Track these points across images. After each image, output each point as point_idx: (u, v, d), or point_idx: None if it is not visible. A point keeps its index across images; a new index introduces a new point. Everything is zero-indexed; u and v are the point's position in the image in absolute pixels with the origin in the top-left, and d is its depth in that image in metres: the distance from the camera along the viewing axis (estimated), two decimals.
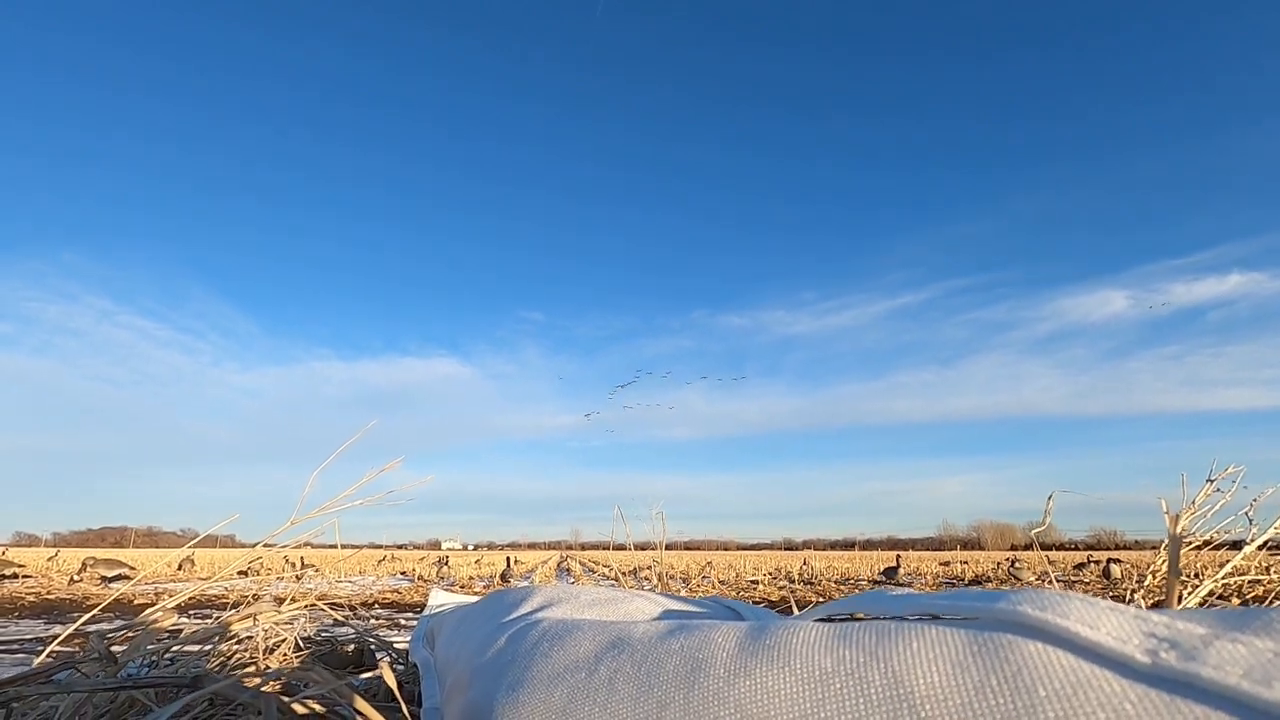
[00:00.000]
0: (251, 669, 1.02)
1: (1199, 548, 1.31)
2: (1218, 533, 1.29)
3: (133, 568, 6.80)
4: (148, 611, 1.09)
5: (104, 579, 6.48)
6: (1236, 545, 1.31)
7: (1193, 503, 1.24)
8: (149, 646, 1.02)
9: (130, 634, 1.06)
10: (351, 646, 1.35)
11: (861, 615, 0.42)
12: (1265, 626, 0.25)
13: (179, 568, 8.95)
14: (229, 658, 1.27)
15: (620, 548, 2.30)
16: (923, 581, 8.06)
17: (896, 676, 0.30)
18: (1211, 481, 1.26)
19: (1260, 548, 1.26)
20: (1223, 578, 1.36)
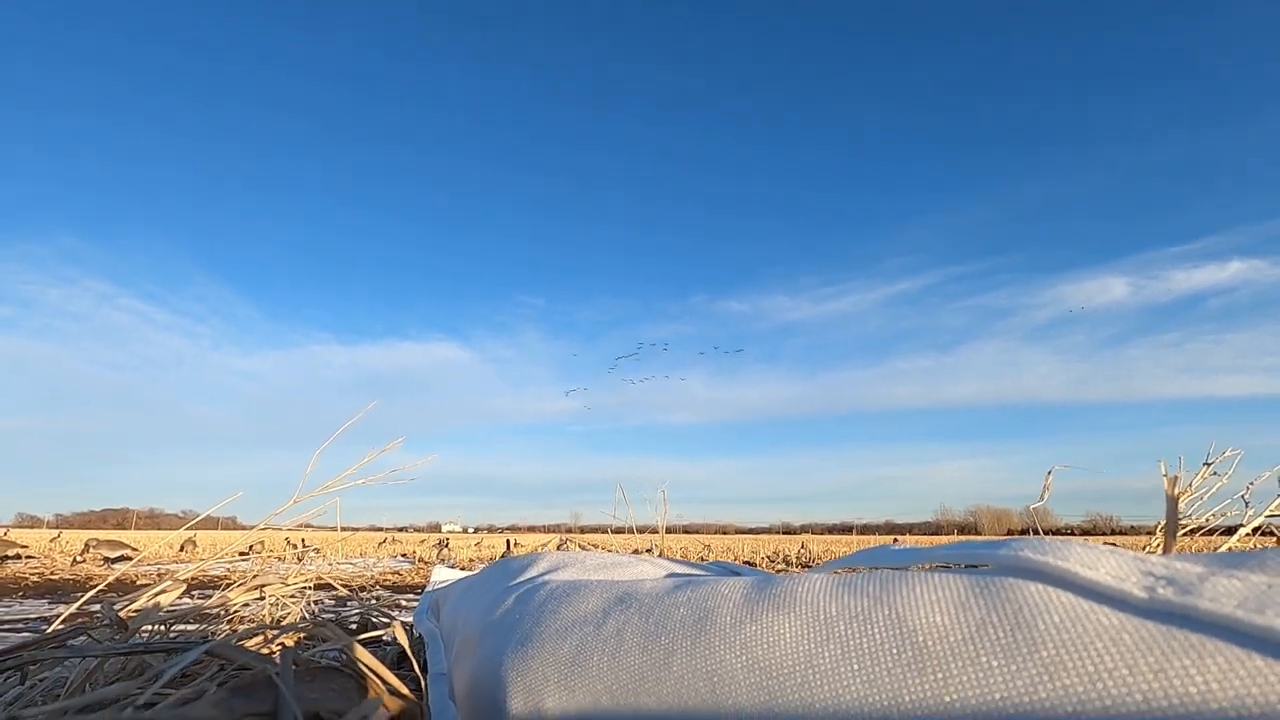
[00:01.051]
0: (259, 639, 1.04)
1: (1193, 532, 1.32)
2: (1212, 516, 1.31)
3: (135, 549, 6.84)
4: (154, 586, 1.10)
5: (106, 560, 6.52)
6: (1230, 531, 1.32)
7: (1189, 485, 1.25)
8: (157, 618, 1.04)
9: (137, 608, 1.07)
10: (355, 623, 1.37)
11: (867, 568, 0.43)
12: (1260, 563, 0.26)
13: (181, 549, 9.00)
14: (234, 630, 1.28)
15: (621, 530, 2.32)
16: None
17: (899, 617, 0.31)
18: (1209, 465, 1.26)
19: (1254, 532, 1.27)
20: None
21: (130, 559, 6.43)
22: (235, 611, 1.29)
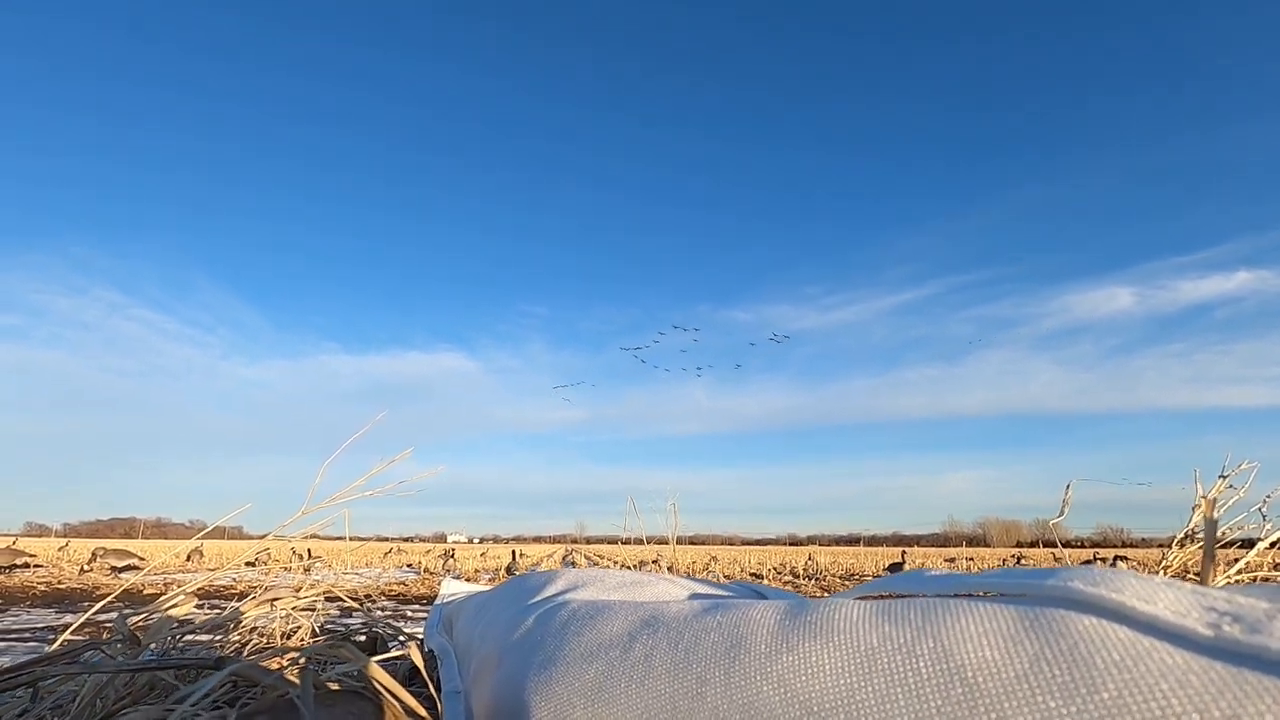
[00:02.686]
0: (271, 653, 1.03)
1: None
2: (1230, 529, 1.29)
3: (142, 558, 6.85)
4: (164, 598, 1.10)
5: (114, 569, 6.53)
6: (1247, 544, 1.30)
7: (1213, 501, 1.23)
8: (168, 631, 1.03)
9: (147, 621, 1.06)
10: (363, 637, 1.36)
11: (902, 595, 0.42)
12: None
13: (188, 558, 9.01)
14: (245, 644, 1.27)
15: (631, 541, 2.30)
16: None
17: (946, 651, 0.30)
18: (1225, 477, 1.25)
19: (1272, 545, 1.25)
20: (1235, 574, 1.36)
21: (138, 568, 6.43)
22: (247, 624, 1.28)
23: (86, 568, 6.52)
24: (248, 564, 7.33)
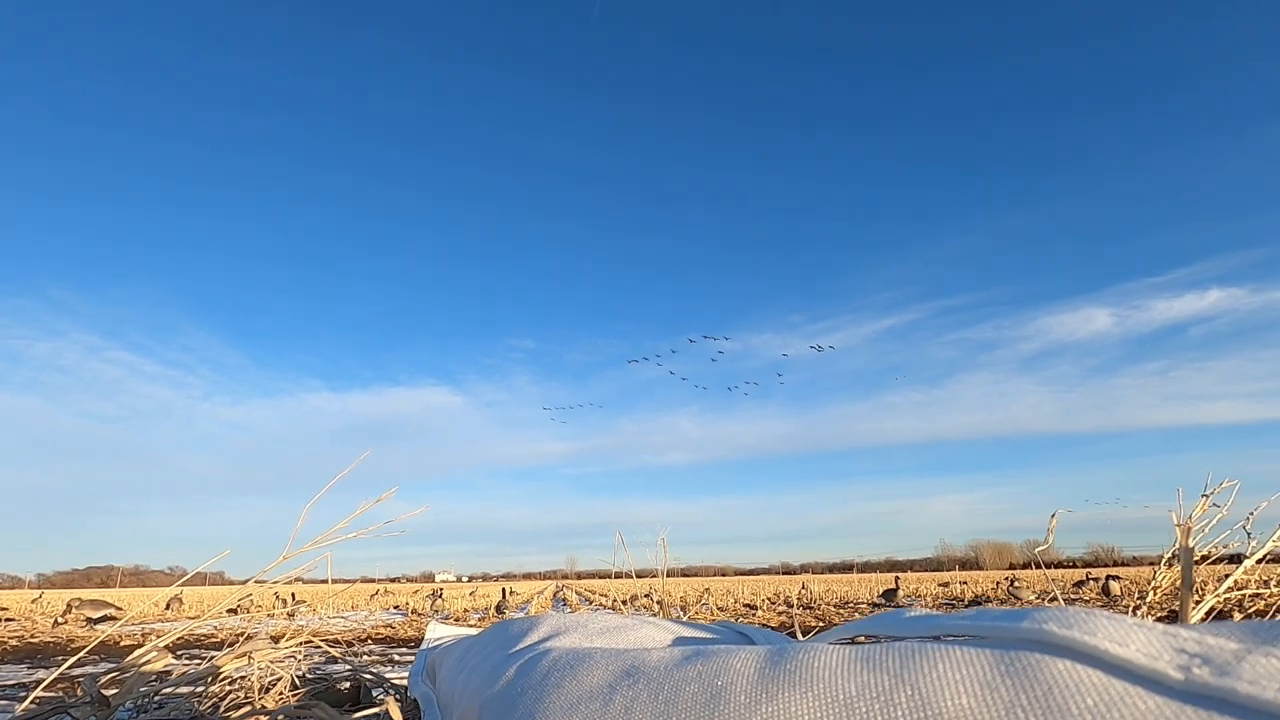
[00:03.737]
0: (247, 709, 1.00)
1: (1199, 562, 1.31)
2: (1215, 547, 1.30)
3: (119, 608, 6.65)
4: (138, 652, 1.06)
5: (89, 620, 6.33)
6: (1234, 559, 1.31)
7: (1190, 517, 1.24)
8: (141, 688, 1.00)
9: (121, 676, 1.03)
10: (347, 684, 1.32)
11: (880, 637, 0.41)
12: None
13: (167, 607, 8.76)
14: (223, 698, 1.24)
15: (621, 575, 2.27)
16: (923, 603, 7.99)
17: (924, 699, 0.29)
18: (1207, 496, 1.26)
19: (1259, 561, 1.27)
20: (1223, 592, 1.36)
21: (115, 619, 6.24)
22: (224, 677, 1.24)
23: (61, 620, 6.32)
24: (229, 611, 7.14)
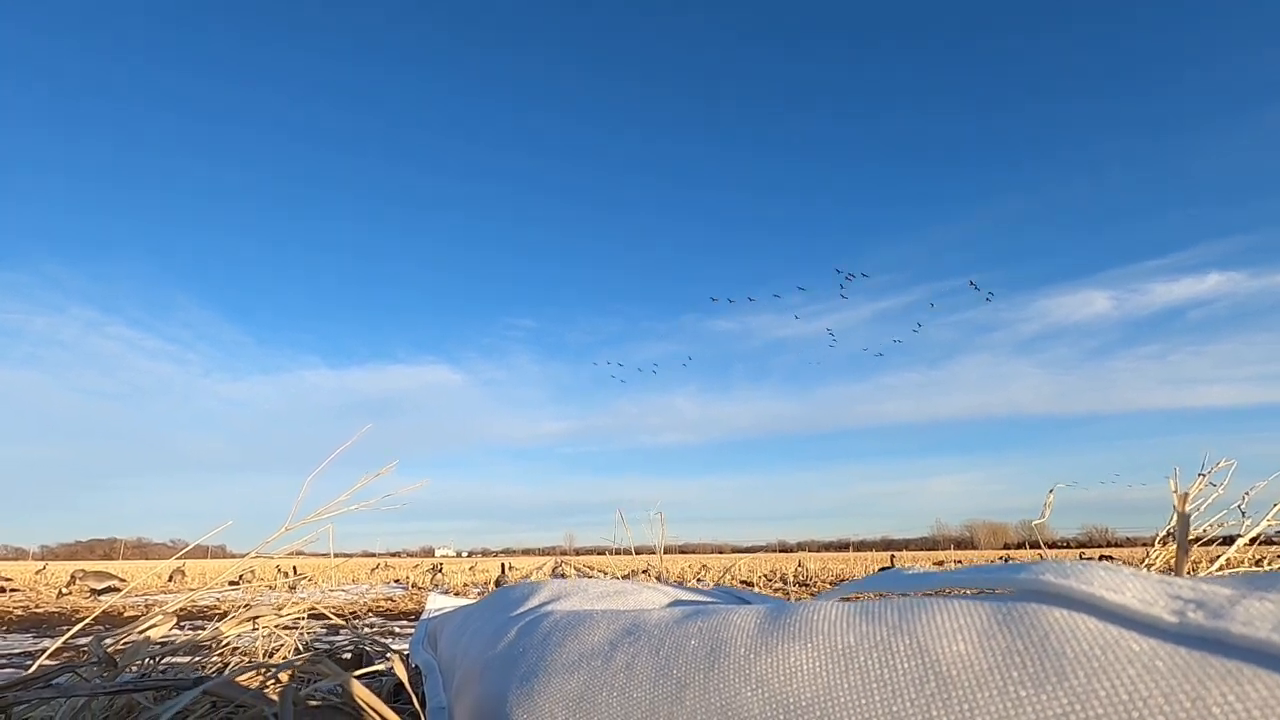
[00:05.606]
0: (253, 673, 1.01)
1: (1193, 542, 1.32)
2: (1210, 527, 1.31)
3: (122, 579, 6.71)
4: (144, 618, 1.08)
5: (93, 591, 6.40)
6: (1228, 540, 1.32)
7: (1187, 495, 1.25)
8: (147, 652, 1.01)
9: (126, 642, 1.04)
10: (349, 653, 1.34)
11: (880, 595, 0.42)
12: None
13: (169, 579, 8.85)
14: (225, 664, 1.25)
15: (620, 552, 2.29)
16: None
17: (922, 647, 0.30)
18: (1204, 475, 1.27)
19: (1251, 542, 1.28)
20: (1216, 570, 1.38)
21: (118, 590, 6.31)
22: (228, 644, 1.26)
23: (65, 590, 6.38)
24: (231, 583, 7.21)
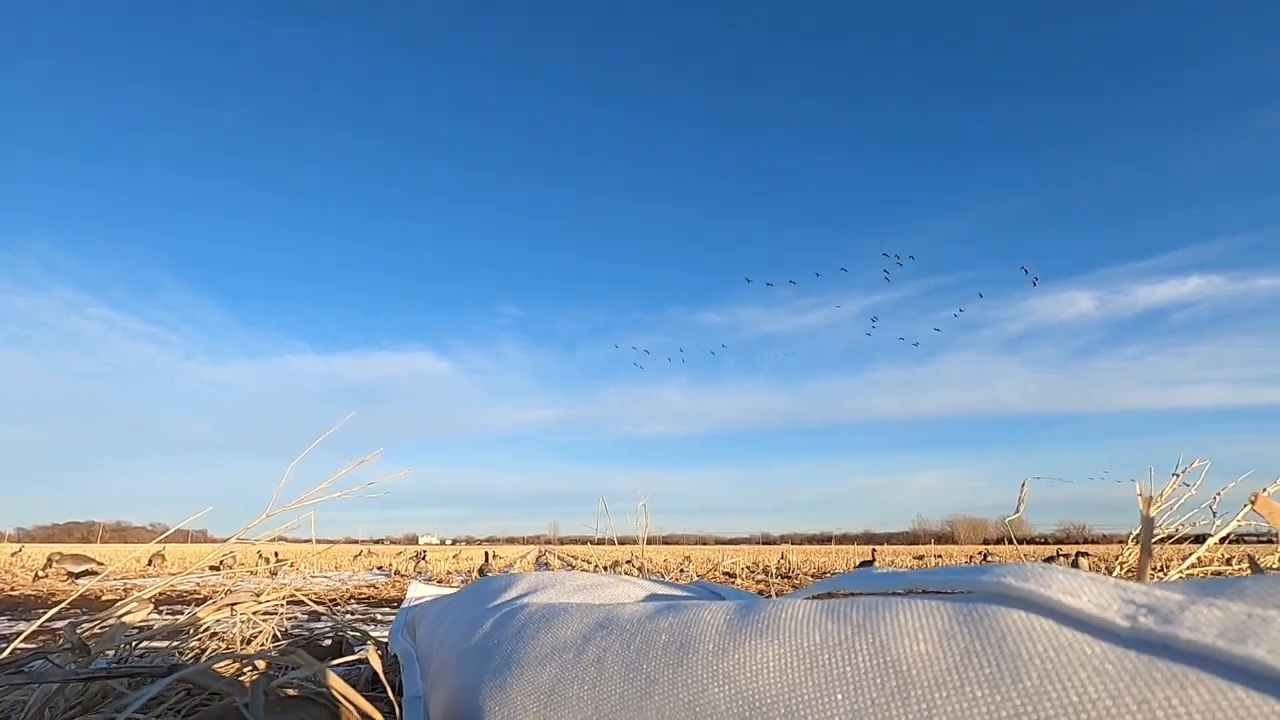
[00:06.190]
0: (229, 660, 1.01)
1: (1164, 540, 1.35)
2: (1182, 525, 1.34)
3: (100, 563, 6.65)
4: (120, 603, 1.07)
5: (70, 575, 6.33)
6: (1200, 539, 1.35)
7: (1160, 495, 1.28)
8: (122, 638, 1.00)
9: (102, 627, 1.03)
10: (329, 640, 1.34)
11: (849, 593, 0.43)
12: (1239, 591, 0.26)
13: (149, 563, 8.77)
14: (203, 651, 1.25)
15: (603, 541, 2.31)
16: None
17: (883, 646, 0.30)
18: (1178, 475, 1.30)
19: (1222, 540, 1.30)
20: (1187, 569, 1.41)
21: (95, 574, 6.25)
22: (206, 629, 1.26)
23: (41, 573, 6.31)
24: (211, 568, 7.16)
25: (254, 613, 1.20)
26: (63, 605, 0.93)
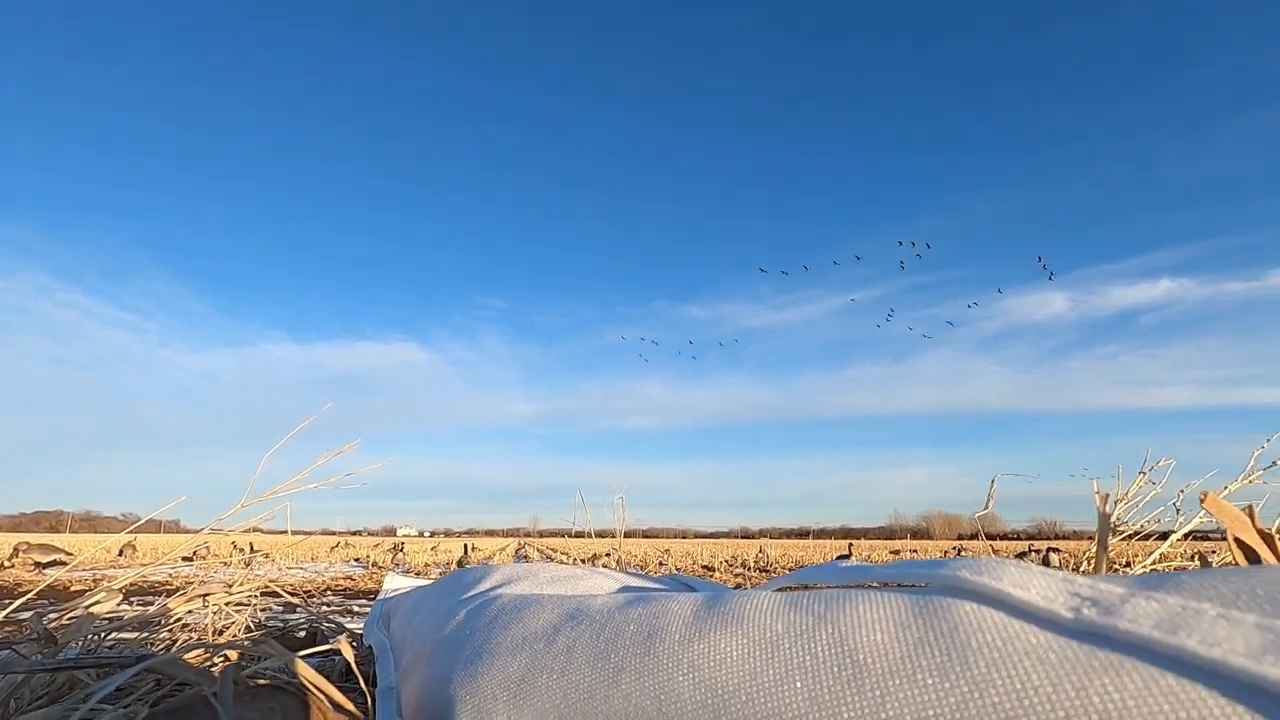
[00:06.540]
0: (200, 651, 1.00)
1: (1130, 537, 1.39)
2: (1148, 522, 1.38)
3: (69, 553, 6.53)
4: (89, 593, 1.05)
5: (38, 565, 6.21)
6: (1165, 535, 1.39)
7: (1126, 493, 1.31)
8: (91, 628, 0.99)
9: (70, 617, 1.02)
10: (303, 632, 1.33)
11: (814, 585, 0.44)
12: (1177, 585, 0.28)
13: (120, 553, 8.63)
14: (174, 642, 1.24)
15: (579, 535, 2.31)
16: None
17: (842, 636, 0.31)
18: (1144, 474, 1.33)
19: (1185, 537, 1.34)
20: (1151, 564, 1.45)
21: (64, 564, 6.13)
22: (178, 620, 1.24)
23: (8, 563, 6.19)
24: (184, 559, 7.06)
25: (226, 604, 1.19)
26: (29, 596, 0.92)
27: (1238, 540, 0.53)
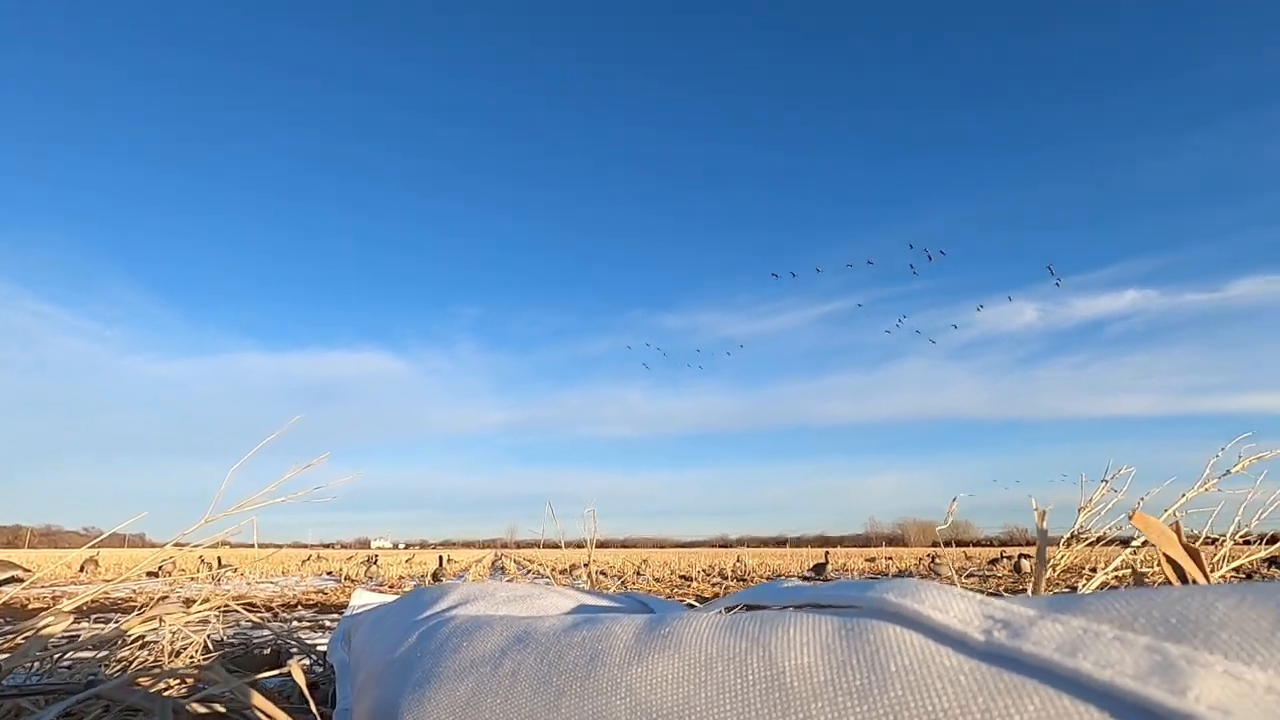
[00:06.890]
0: (155, 673, 0.98)
1: (1095, 543, 1.43)
2: (1109, 529, 1.41)
3: (26, 569, 6.31)
4: (41, 616, 1.03)
5: None
6: (1125, 542, 1.43)
7: (1090, 501, 1.35)
8: (40, 652, 0.96)
9: (20, 639, 0.99)
10: (269, 649, 1.31)
11: (757, 605, 0.45)
12: (1082, 608, 0.29)
13: (81, 569, 8.38)
14: (130, 662, 1.21)
15: (552, 546, 2.31)
16: (849, 576, 8.35)
17: (772, 659, 0.32)
18: (1106, 482, 1.37)
19: (1143, 544, 1.38)
20: (1112, 571, 1.48)
21: (21, 580, 5.93)
22: (136, 640, 1.21)
23: None
24: (149, 574, 6.88)
25: (185, 623, 1.17)
26: None
27: (1166, 556, 0.55)
